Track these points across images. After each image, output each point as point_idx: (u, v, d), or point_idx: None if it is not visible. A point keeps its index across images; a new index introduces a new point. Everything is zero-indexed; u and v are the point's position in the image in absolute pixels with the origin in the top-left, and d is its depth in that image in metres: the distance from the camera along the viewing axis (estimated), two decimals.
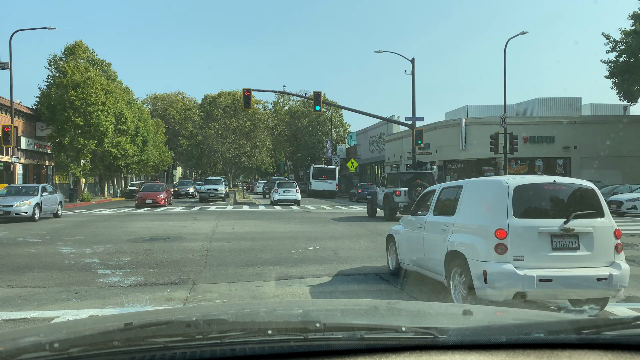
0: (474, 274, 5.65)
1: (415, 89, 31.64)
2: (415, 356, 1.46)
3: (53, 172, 40.27)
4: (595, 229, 5.69)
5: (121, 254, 10.91)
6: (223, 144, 61.30)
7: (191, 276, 8.43)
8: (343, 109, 55.03)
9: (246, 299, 7.01)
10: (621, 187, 24.31)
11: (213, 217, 21.54)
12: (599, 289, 5.60)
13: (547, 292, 5.55)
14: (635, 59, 29.23)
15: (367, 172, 56.20)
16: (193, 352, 1.43)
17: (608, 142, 30.21)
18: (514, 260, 5.48)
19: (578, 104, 38.28)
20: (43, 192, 21.30)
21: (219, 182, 37.98)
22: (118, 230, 16.17)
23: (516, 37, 30.27)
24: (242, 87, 29.18)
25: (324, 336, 1.59)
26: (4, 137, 27.27)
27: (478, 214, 6.10)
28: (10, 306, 6.55)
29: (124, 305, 6.68)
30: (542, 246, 5.56)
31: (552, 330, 1.71)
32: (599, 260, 5.65)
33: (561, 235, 5.59)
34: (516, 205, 5.63)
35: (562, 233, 5.58)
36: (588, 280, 5.51)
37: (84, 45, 40.66)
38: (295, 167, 78.07)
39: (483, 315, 2.23)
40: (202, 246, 12.12)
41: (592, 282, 5.51)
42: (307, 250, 11.52)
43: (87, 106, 33.53)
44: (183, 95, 78.62)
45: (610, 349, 1.53)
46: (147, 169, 54.30)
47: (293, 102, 73.01)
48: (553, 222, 5.60)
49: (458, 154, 34.14)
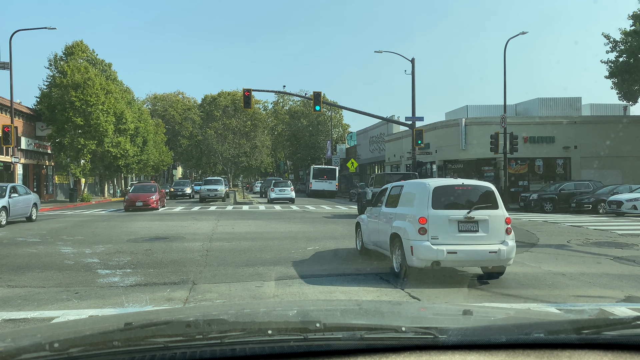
0: (406, 249, 7.96)
1: (415, 89, 31.65)
2: (415, 356, 1.46)
3: (53, 172, 40.26)
4: (490, 217, 7.96)
5: (121, 254, 10.91)
6: (222, 144, 61.32)
7: (191, 276, 8.43)
8: (343, 109, 55.04)
9: (246, 299, 7.01)
10: (621, 187, 24.30)
11: (213, 217, 21.54)
12: (491, 259, 7.87)
13: (454, 261, 7.92)
14: (635, 59, 29.22)
15: (367, 172, 56.17)
16: (193, 352, 1.43)
17: (608, 142, 30.20)
18: (431, 239, 7.78)
19: (578, 104, 38.26)
20: (12, 193, 18.68)
21: (218, 182, 37.96)
22: (118, 230, 16.17)
23: (516, 37, 30.27)
24: (242, 87, 29.19)
25: (324, 336, 1.59)
26: (4, 137, 27.27)
27: (409, 206, 8.40)
28: (10, 306, 6.55)
29: (124, 305, 6.68)
30: (451, 229, 7.87)
31: (552, 330, 1.71)
32: (492, 240, 7.87)
33: (465, 221, 7.89)
34: (434, 200, 7.96)
35: (466, 220, 7.89)
36: (482, 253, 7.79)
37: (83, 45, 40.66)
38: (295, 167, 78.07)
39: (483, 315, 2.23)
40: (202, 246, 12.12)
41: (485, 254, 7.79)
42: (307, 250, 11.51)
43: (87, 106, 33.54)
44: (183, 95, 78.68)
45: (610, 349, 1.53)
46: (147, 169, 54.29)
47: (293, 102, 73.04)
48: (460, 212, 7.90)
49: (458, 154, 34.12)
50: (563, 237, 14.08)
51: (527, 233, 15.18)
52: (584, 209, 23.47)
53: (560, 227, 17.23)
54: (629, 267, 9.38)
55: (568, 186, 26.17)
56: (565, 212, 23.96)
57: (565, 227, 16.90)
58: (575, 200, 24.33)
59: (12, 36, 29.14)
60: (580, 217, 21.25)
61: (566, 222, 18.61)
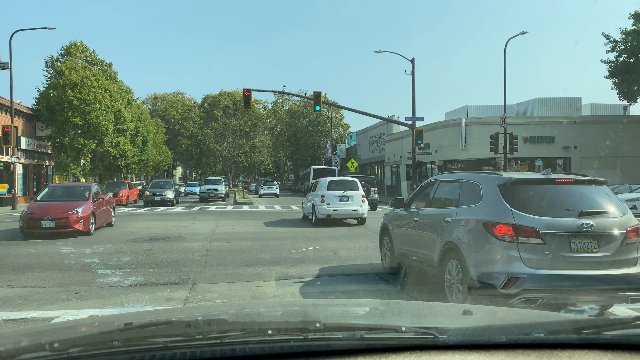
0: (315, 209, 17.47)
1: (415, 89, 31.65)
2: (415, 356, 1.46)
3: (53, 172, 40.26)
4: (354, 194, 17.15)
5: (121, 254, 10.91)
6: (221, 144, 61.29)
7: (191, 276, 8.43)
8: (343, 109, 55.04)
9: (246, 299, 7.01)
10: (621, 187, 24.30)
11: (213, 217, 21.54)
12: (354, 214, 17.17)
13: (337, 214, 16.95)
14: (635, 58, 29.22)
15: (367, 172, 56.17)
16: (193, 352, 1.43)
17: (608, 142, 30.20)
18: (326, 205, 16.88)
19: (578, 104, 38.26)
20: None
21: (218, 182, 37.94)
22: (118, 230, 16.17)
23: (516, 37, 30.28)
24: (242, 87, 29.20)
25: (324, 336, 1.59)
26: (4, 137, 27.26)
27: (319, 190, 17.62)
28: (10, 306, 6.55)
29: (124, 305, 6.68)
30: (336, 200, 16.87)
31: (552, 330, 1.71)
32: (355, 205, 17.05)
33: (342, 196, 16.96)
34: (328, 187, 17.29)
35: (342, 196, 17.01)
36: (349, 211, 17.06)
37: (81, 45, 40.66)
38: (295, 167, 78.03)
39: (483, 315, 2.23)
40: (202, 246, 12.12)
41: (351, 211, 17.09)
42: (307, 250, 11.52)
43: (86, 105, 33.53)
44: (183, 95, 78.72)
45: (610, 349, 1.53)
46: (147, 169, 54.31)
47: (292, 102, 73.01)
48: (339, 192, 17.08)
49: (458, 154, 34.13)
50: None
51: None
52: None
53: None
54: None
55: None
56: None
57: None
58: None
59: (12, 36, 29.13)
60: None
61: None
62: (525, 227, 5.43)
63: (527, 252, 5.41)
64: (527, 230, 5.42)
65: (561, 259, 5.39)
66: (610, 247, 5.52)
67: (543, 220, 5.45)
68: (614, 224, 5.59)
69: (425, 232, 7.19)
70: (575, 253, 5.42)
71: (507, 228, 5.50)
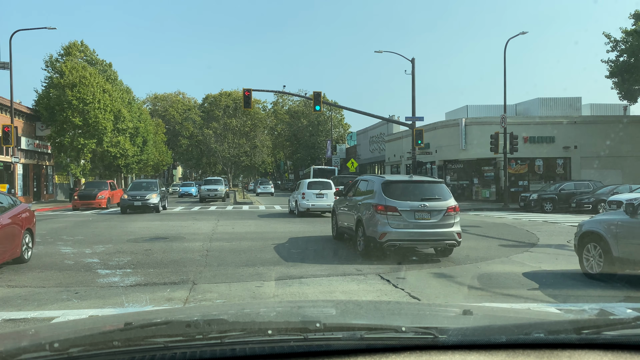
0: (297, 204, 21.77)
1: (415, 89, 31.64)
2: (415, 356, 1.46)
3: (53, 172, 40.26)
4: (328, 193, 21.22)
5: (121, 254, 10.91)
6: (222, 144, 61.29)
7: (191, 276, 8.43)
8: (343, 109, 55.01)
9: (246, 299, 7.01)
10: (621, 187, 24.28)
11: (213, 217, 21.54)
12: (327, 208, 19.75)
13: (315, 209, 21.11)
14: (635, 58, 29.19)
15: (367, 172, 56.16)
16: (193, 352, 1.43)
17: (608, 142, 30.19)
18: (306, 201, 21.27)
19: (578, 104, 38.25)
20: None
21: (218, 182, 37.91)
22: (118, 230, 16.17)
23: (516, 37, 30.25)
24: (242, 87, 29.19)
25: (324, 336, 1.59)
26: (4, 137, 27.27)
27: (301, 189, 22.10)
28: (10, 306, 6.55)
29: (124, 305, 6.68)
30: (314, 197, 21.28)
31: (552, 330, 1.71)
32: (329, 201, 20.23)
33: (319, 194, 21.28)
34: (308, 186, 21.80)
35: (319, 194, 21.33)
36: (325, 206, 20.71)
37: (82, 45, 40.66)
38: (295, 167, 78.01)
39: (483, 315, 2.23)
40: (202, 246, 12.12)
41: (325, 206, 20.70)
42: (307, 250, 11.52)
43: (85, 105, 33.53)
44: (183, 95, 78.69)
45: (610, 349, 1.53)
46: (147, 168, 54.31)
47: (292, 102, 72.98)
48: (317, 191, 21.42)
49: (458, 154, 34.12)
50: (563, 237, 14.07)
51: (527, 233, 15.18)
52: (584, 209, 23.46)
53: (560, 227, 17.23)
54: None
55: (568, 186, 26.15)
56: (565, 212, 23.96)
57: (565, 227, 16.90)
58: (576, 201, 24.33)
59: (12, 36, 29.15)
60: (580, 217, 21.24)
61: (566, 222, 18.61)
62: (390, 206, 9.96)
63: (391, 220, 9.90)
64: (391, 208, 9.95)
65: (409, 223, 9.91)
66: (437, 217, 9.99)
67: (400, 203, 10.01)
68: (440, 204, 10.09)
69: (350, 211, 11.83)
70: (417, 220, 9.96)
71: (382, 207, 10.01)
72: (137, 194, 24.37)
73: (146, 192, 24.66)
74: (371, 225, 10.09)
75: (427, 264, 9.59)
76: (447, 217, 10.01)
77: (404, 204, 9.93)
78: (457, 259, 10.18)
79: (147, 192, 24.50)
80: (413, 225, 9.86)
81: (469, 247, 11.87)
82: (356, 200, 11.45)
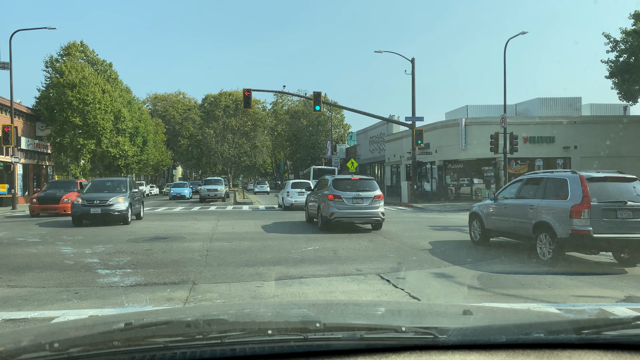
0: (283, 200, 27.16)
1: (415, 89, 31.65)
2: (415, 356, 1.46)
3: (53, 172, 40.27)
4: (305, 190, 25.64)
5: (121, 254, 10.91)
6: (222, 144, 61.28)
7: (191, 276, 8.43)
8: (343, 109, 55.02)
9: (246, 299, 7.01)
10: None
11: (213, 217, 21.54)
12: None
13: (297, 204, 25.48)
14: (635, 58, 29.18)
15: (367, 172, 56.15)
16: (193, 352, 1.43)
17: (608, 142, 30.18)
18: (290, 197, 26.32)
19: (578, 104, 38.23)
20: None
21: (218, 182, 37.87)
22: (118, 230, 16.17)
23: (516, 37, 30.27)
24: (242, 87, 29.20)
25: (324, 336, 1.59)
26: (4, 137, 27.26)
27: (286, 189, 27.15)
28: (10, 306, 6.55)
29: (124, 305, 6.68)
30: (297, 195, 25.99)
31: (552, 330, 1.71)
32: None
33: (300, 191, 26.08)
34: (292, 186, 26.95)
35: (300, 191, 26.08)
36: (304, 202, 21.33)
37: (82, 45, 40.66)
38: (295, 167, 78.00)
39: (483, 315, 2.23)
40: (202, 246, 12.12)
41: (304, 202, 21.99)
42: (307, 250, 11.52)
43: (85, 105, 33.51)
44: (184, 95, 78.65)
45: (610, 349, 1.53)
46: (147, 169, 54.30)
47: (292, 102, 72.94)
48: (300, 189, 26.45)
49: (458, 154, 34.11)
50: None
51: None
52: None
53: None
54: (629, 268, 9.38)
55: None
56: None
57: None
58: None
59: (12, 36, 29.13)
60: None
61: None
62: (337, 195, 14.94)
63: (338, 204, 14.90)
64: (337, 196, 14.93)
65: (349, 206, 14.87)
66: (367, 202, 15.00)
67: (343, 193, 14.99)
68: (369, 194, 15.07)
69: (315, 201, 16.96)
70: (354, 204, 14.93)
71: (332, 196, 14.98)
72: (97, 197, 17.97)
73: (110, 194, 18.24)
74: (325, 208, 15.26)
75: (427, 264, 9.60)
76: (374, 202, 15.14)
77: (346, 194, 15.03)
78: (457, 259, 10.18)
79: (110, 195, 18.09)
80: (351, 207, 14.97)
81: (469, 247, 11.88)
82: (318, 193, 16.65)
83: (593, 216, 8.99)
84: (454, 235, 14.50)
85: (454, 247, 12.10)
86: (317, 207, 16.24)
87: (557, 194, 9.83)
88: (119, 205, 17.82)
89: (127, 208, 18.05)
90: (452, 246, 12.21)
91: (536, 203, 10.19)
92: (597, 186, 9.35)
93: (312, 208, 17.32)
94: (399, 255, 10.72)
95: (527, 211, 10.36)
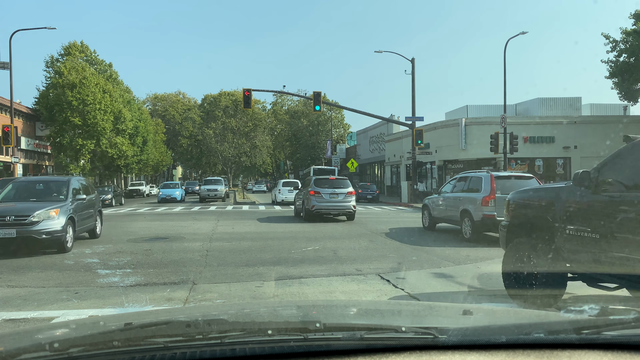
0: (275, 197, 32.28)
1: (415, 89, 31.66)
2: (415, 356, 1.45)
3: (53, 172, 40.26)
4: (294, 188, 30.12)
5: (121, 254, 10.90)
6: (222, 144, 61.26)
7: (191, 276, 8.42)
8: (343, 109, 55.01)
9: (246, 299, 7.00)
10: None
11: (213, 217, 21.54)
12: None
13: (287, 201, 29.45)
14: (635, 58, 29.17)
15: (367, 172, 56.15)
16: (193, 352, 1.43)
17: (608, 142, 30.14)
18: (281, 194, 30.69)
19: (578, 104, 38.24)
20: None
21: (218, 182, 37.87)
22: (118, 230, 16.16)
23: (516, 37, 30.29)
24: (242, 87, 29.19)
25: (324, 336, 1.59)
26: (4, 137, 27.26)
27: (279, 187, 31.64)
28: (10, 306, 6.55)
29: (124, 305, 6.68)
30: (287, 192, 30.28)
31: (552, 330, 1.71)
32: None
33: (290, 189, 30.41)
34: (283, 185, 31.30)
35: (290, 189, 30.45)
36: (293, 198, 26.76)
37: (82, 45, 40.66)
38: (295, 167, 77.98)
39: (483, 315, 2.23)
40: (202, 246, 12.11)
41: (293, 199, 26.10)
42: (307, 250, 11.51)
43: (84, 105, 33.51)
44: (184, 95, 78.64)
45: (610, 349, 1.53)
46: (147, 169, 54.29)
47: (291, 102, 72.90)
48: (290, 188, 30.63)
49: (458, 154, 34.11)
50: None
51: None
52: None
53: None
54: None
55: None
56: None
57: None
58: None
59: (12, 36, 29.14)
60: None
61: None
62: (317, 191, 18.71)
63: (317, 199, 18.61)
64: (318, 192, 18.69)
65: (327, 200, 18.63)
66: (342, 197, 18.73)
67: (322, 190, 18.75)
68: (343, 190, 18.87)
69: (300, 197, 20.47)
70: (331, 198, 18.65)
71: (313, 192, 18.70)
72: (10, 210, 10.91)
73: (35, 205, 11.33)
74: (308, 202, 18.64)
75: (427, 264, 9.60)
76: (347, 197, 18.66)
77: (324, 190, 18.59)
78: (457, 259, 10.18)
79: (36, 207, 11.10)
80: (328, 201, 18.51)
81: (469, 247, 11.87)
82: (303, 191, 20.02)
83: (497, 204, 11.86)
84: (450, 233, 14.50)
85: (449, 239, 12.10)
86: (302, 202, 19.87)
87: (476, 189, 13.14)
88: (47, 224, 10.87)
89: (63, 227, 11.12)
90: (448, 238, 12.20)
91: (462, 195, 13.70)
92: (502, 182, 12.57)
93: (299, 203, 20.81)
94: (399, 255, 10.72)
95: (457, 202, 13.80)
